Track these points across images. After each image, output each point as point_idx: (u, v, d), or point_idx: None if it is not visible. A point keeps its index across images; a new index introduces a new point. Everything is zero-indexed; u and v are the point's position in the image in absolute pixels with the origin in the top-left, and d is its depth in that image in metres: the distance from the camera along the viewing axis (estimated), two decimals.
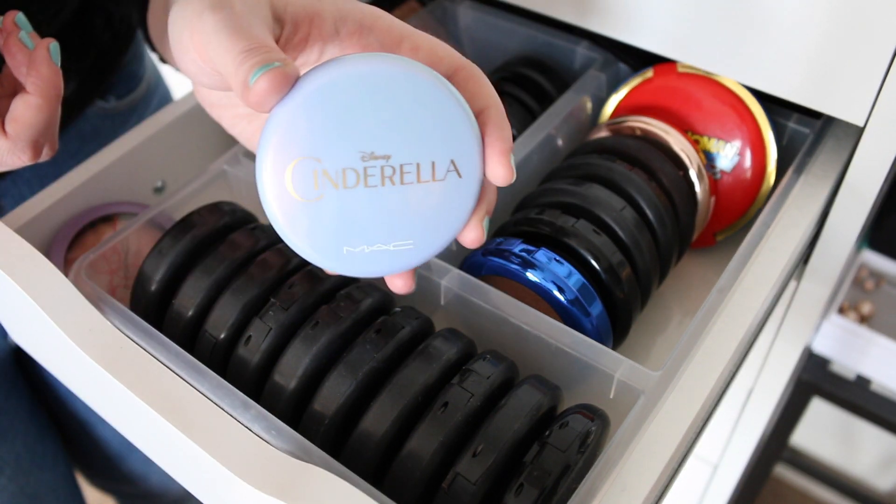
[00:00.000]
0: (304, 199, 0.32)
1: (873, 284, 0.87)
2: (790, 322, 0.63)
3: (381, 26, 0.36)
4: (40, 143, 0.41)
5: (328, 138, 0.32)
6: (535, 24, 0.65)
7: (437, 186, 0.33)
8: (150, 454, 0.48)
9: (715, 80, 0.55)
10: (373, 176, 0.32)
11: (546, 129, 0.56)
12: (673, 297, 0.56)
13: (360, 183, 0.32)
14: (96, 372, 0.41)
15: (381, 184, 0.33)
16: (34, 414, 0.73)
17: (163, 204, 0.51)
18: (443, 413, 0.38)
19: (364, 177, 0.32)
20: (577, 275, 0.46)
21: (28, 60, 0.40)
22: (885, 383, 0.83)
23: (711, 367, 0.42)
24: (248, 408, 0.39)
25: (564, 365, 0.44)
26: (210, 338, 0.43)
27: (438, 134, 0.32)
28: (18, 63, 0.41)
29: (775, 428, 0.96)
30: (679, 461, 0.41)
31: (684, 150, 0.54)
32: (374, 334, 0.41)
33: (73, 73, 0.64)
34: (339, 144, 0.32)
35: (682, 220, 0.52)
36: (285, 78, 0.31)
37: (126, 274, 0.52)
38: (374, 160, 0.32)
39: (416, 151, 0.32)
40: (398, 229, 0.33)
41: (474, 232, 0.34)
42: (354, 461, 0.38)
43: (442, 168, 0.33)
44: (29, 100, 0.40)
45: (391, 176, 0.33)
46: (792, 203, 0.50)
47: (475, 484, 0.36)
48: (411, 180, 0.33)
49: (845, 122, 0.51)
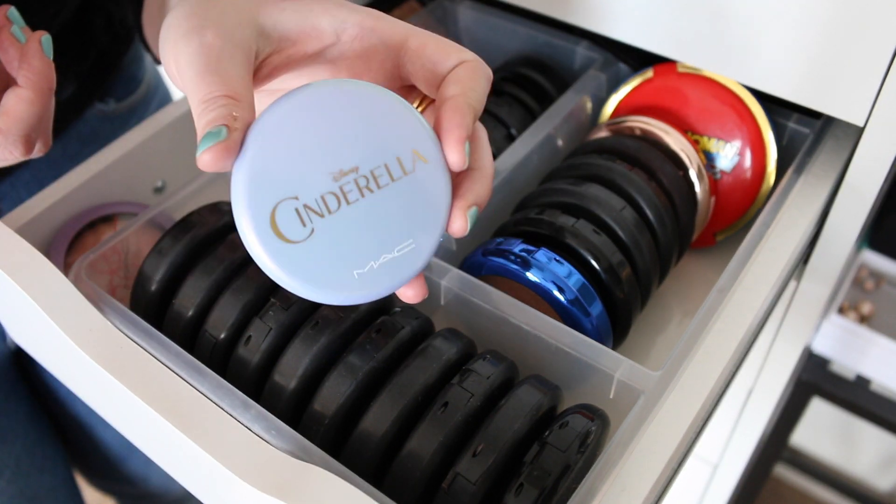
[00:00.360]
0: (298, 241, 0.33)
1: (873, 284, 0.87)
2: (790, 322, 0.63)
3: (382, 27, 0.36)
4: (32, 137, 0.41)
5: (296, 173, 0.32)
6: (535, 24, 0.65)
7: (411, 179, 0.34)
8: (150, 454, 0.48)
9: (715, 81, 0.55)
10: (351, 192, 0.33)
11: (546, 129, 0.56)
12: (673, 297, 0.56)
13: (342, 203, 0.33)
14: (96, 372, 0.41)
15: (362, 196, 0.33)
16: (34, 416, 0.73)
17: (163, 204, 0.51)
18: (443, 413, 0.38)
19: (343, 196, 0.33)
20: (577, 275, 0.46)
21: (19, 54, 0.40)
22: (884, 383, 0.83)
23: (711, 367, 0.42)
24: (248, 408, 0.39)
25: (564, 365, 0.44)
26: (210, 338, 0.43)
27: (392, 131, 0.33)
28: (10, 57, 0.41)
29: (775, 428, 0.96)
30: (679, 461, 0.41)
31: (684, 150, 0.54)
32: (374, 334, 0.41)
33: (73, 74, 0.64)
34: (308, 175, 0.32)
35: (682, 220, 0.52)
36: (227, 150, 0.31)
37: (126, 274, 0.52)
38: (345, 176, 0.33)
39: (380, 154, 0.33)
40: (394, 233, 0.34)
41: (458, 221, 0.35)
42: (354, 461, 0.38)
43: (408, 160, 0.34)
44: (20, 93, 0.39)
45: (367, 185, 0.33)
46: (792, 203, 0.50)
47: (475, 484, 0.36)
48: (386, 182, 0.33)
49: (845, 122, 0.51)
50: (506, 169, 0.53)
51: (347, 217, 0.33)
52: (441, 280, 0.47)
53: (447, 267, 0.47)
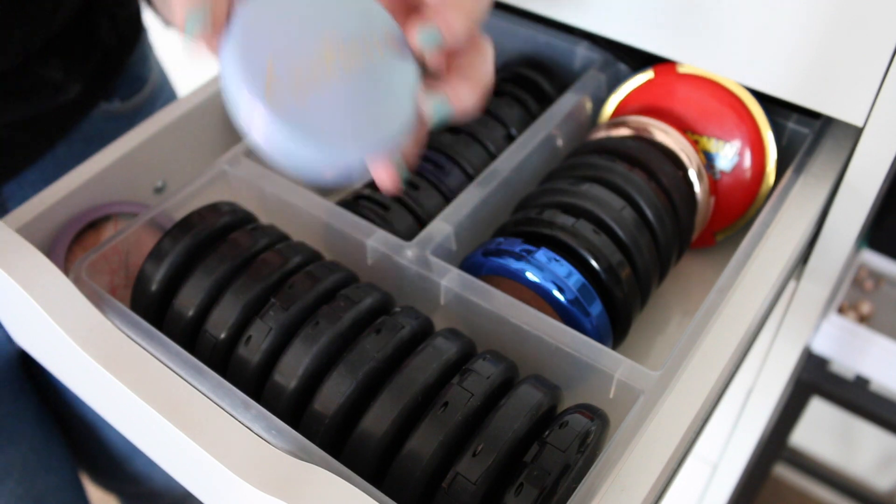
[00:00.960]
0: (291, 104, 0.35)
1: (872, 284, 0.87)
2: (789, 322, 0.63)
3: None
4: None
5: (282, 45, 0.35)
6: (534, 24, 0.65)
7: (386, 55, 0.38)
8: (150, 454, 0.48)
9: (714, 81, 0.55)
10: (333, 64, 0.37)
11: (546, 129, 0.56)
12: (673, 297, 0.56)
13: (326, 73, 0.36)
14: (97, 372, 0.41)
15: (343, 70, 0.37)
16: (41, 416, 0.73)
17: (163, 204, 0.51)
18: (443, 413, 0.38)
19: (327, 66, 0.36)
20: (577, 275, 0.46)
21: None
22: (884, 383, 0.83)
23: (711, 366, 0.42)
24: (248, 407, 0.39)
25: (564, 365, 0.44)
26: (210, 338, 0.43)
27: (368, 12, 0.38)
28: None
29: (775, 428, 0.96)
30: (678, 461, 0.41)
31: (684, 150, 0.54)
32: (374, 334, 0.41)
33: (78, 75, 0.64)
34: (294, 46, 0.35)
35: (682, 220, 0.52)
36: (215, 29, 0.32)
37: (126, 274, 0.52)
38: (328, 50, 0.37)
39: (359, 35, 0.37)
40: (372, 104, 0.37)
41: (425, 105, 0.38)
42: (354, 461, 0.38)
43: (381, 46, 0.38)
44: None
45: (347, 61, 0.37)
46: (791, 203, 0.50)
47: (475, 483, 0.36)
48: (366, 60, 0.37)
49: (844, 123, 0.51)
50: (506, 169, 0.53)
51: (331, 87, 0.36)
52: (441, 280, 0.47)
53: (447, 267, 0.47)
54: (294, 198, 0.51)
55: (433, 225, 0.49)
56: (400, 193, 0.52)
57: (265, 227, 0.48)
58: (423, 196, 0.53)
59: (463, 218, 0.50)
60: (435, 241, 0.48)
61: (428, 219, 0.52)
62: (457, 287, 0.46)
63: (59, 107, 0.63)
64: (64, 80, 0.62)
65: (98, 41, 0.65)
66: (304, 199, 0.51)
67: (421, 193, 0.53)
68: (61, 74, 0.62)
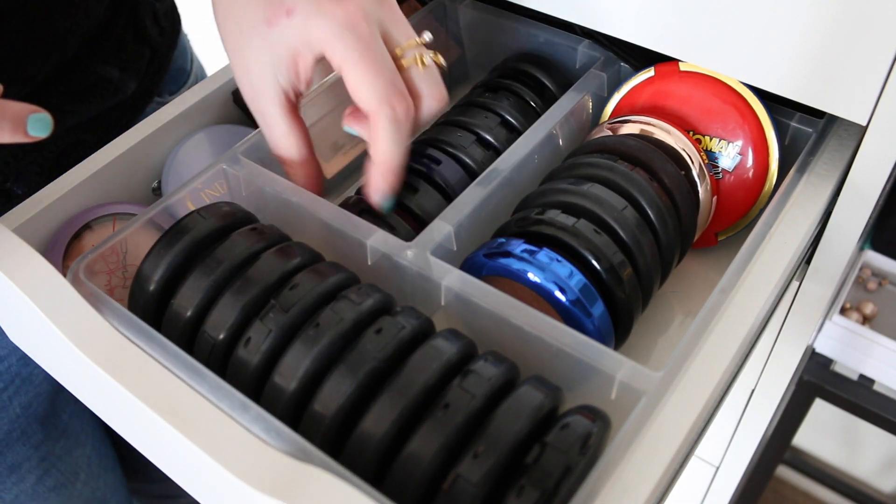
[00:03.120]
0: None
1: (876, 285, 0.87)
2: (792, 322, 0.63)
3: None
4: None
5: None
6: (536, 23, 0.65)
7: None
8: (149, 455, 0.48)
9: (717, 80, 0.55)
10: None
11: (547, 128, 0.56)
12: (675, 298, 0.56)
13: None
14: (94, 373, 0.41)
15: None
16: (95, 416, 0.74)
17: (161, 204, 0.51)
18: (443, 414, 0.37)
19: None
20: (579, 275, 0.46)
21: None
22: (887, 384, 0.82)
23: (713, 367, 0.41)
24: (247, 409, 0.39)
25: (566, 366, 0.43)
26: (209, 338, 0.43)
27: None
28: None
29: (777, 429, 0.96)
30: (681, 462, 0.41)
31: (686, 149, 0.54)
32: (374, 334, 0.41)
33: (132, 72, 0.66)
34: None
35: (684, 220, 0.52)
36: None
37: (124, 274, 0.51)
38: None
39: None
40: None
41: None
42: (354, 462, 0.38)
43: None
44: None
45: None
46: (794, 203, 0.50)
47: (476, 485, 0.35)
48: None
49: (848, 122, 0.51)
50: (506, 168, 0.53)
51: None
52: (441, 280, 0.46)
53: (448, 267, 0.47)
54: (294, 198, 0.51)
55: (433, 225, 0.49)
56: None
57: (265, 228, 0.48)
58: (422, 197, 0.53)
59: (463, 218, 0.50)
60: (435, 242, 0.48)
61: (428, 218, 0.52)
62: (457, 287, 0.46)
63: (118, 105, 0.66)
64: (120, 77, 0.65)
65: (145, 37, 0.67)
66: (305, 200, 0.51)
67: (420, 194, 0.53)
68: (117, 73, 0.64)
